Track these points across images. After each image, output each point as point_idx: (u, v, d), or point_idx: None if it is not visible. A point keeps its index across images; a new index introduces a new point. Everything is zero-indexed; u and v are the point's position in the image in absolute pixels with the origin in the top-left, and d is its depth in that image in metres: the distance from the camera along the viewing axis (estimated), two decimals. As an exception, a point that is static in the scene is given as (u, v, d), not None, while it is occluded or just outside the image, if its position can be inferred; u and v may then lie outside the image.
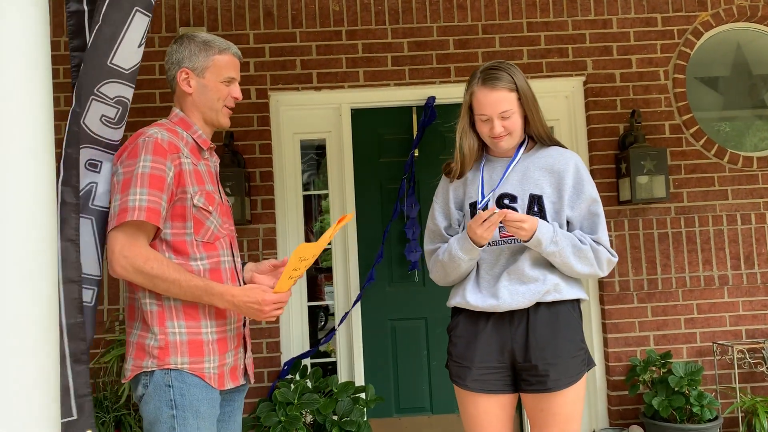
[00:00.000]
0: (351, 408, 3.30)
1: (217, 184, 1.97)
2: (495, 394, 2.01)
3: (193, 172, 1.86)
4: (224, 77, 1.92)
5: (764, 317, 3.85)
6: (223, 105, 1.94)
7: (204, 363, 1.79)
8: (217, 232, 1.89)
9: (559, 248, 1.95)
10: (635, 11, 3.95)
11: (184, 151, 1.85)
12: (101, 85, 1.78)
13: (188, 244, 1.84)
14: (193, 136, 1.93)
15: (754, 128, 4.11)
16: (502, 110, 2.01)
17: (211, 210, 1.87)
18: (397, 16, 3.89)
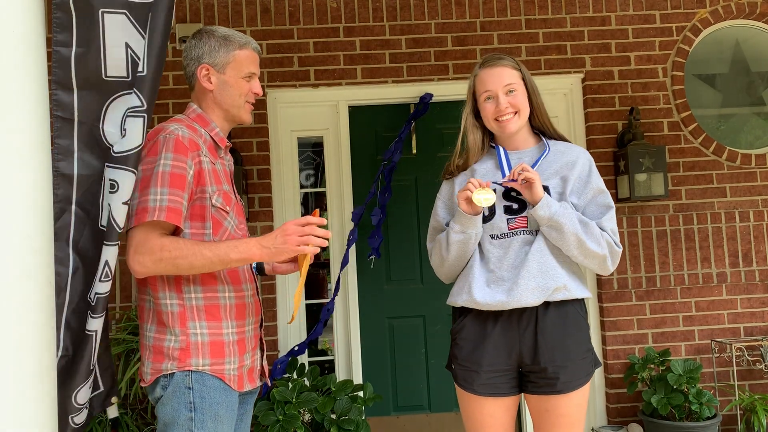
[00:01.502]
0: (349, 406, 3.28)
1: (232, 183, 1.94)
2: (501, 397, 1.98)
3: (212, 171, 1.82)
4: (245, 73, 1.88)
5: (762, 315, 3.84)
6: (245, 101, 1.91)
7: (225, 364, 1.76)
8: (234, 233, 1.86)
9: (567, 214, 1.90)
10: (634, 8, 3.94)
11: (203, 149, 1.81)
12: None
13: None
14: (211, 133, 1.89)
15: (750, 125, 4.10)
16: (506, 83, 1.99)
17: (229, 210, 1.84)
18: (394, 13, 3.87)
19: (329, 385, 3.39)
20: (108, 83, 1.63)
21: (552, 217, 1.90)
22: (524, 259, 1.94)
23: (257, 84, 1.92)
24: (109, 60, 1.61)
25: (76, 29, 1.59)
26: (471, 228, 1.96)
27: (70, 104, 1.61)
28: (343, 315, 3.89)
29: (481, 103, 2.03)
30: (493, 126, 2.03)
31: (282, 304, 3.83)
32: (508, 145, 2.09)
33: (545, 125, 2.09)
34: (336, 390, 3.34)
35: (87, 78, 1.61)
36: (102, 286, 1.67)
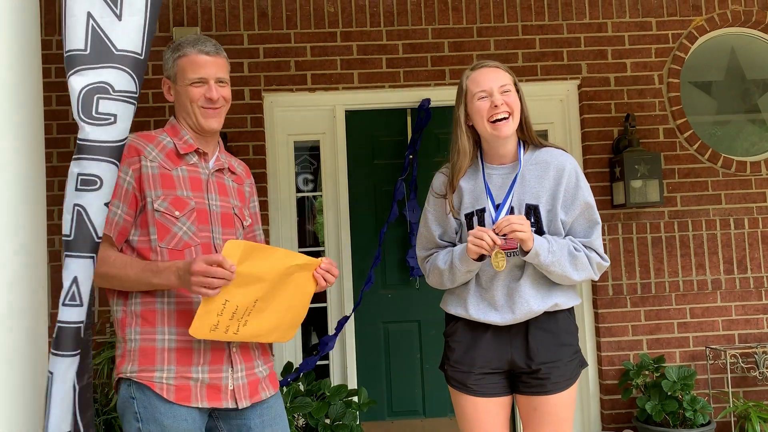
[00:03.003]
0: (343, 411, 3.28)
1: (207, 191, 1.82)
2: (493, 397, 2.01)
3: (159, 176, 1.76)
4: (190, 80, 1.80)
5: (757, 322, 3.85)
6: (199, 106, 1.81)
7: (155, 372, 1.68)
8: (188, 240, 1.75)
9: (556, 258, 1.93)
10: (630, 15, 3.95)
11: (150, 154, 1.77)
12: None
13: (152, 251, 1.75)
14: (175, 141, 1.84)
15: (745, 133, 4.12)
16: (501, 84, 1.97)
17: (178, 215, 1.75)
18: (392, 18, 3.88)
19: (324, 390, 3.38)
20: (67, 59, 1.41)
21: (540, 264, 1.94)
22: (517, 285, 1.97)
23: (211, 89, 1.80)
24: (70, 31, 1.41)
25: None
26: (477, 266, 1.99)
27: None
28: (337, 318, 3.88)
29: (474, 103, 1.99)
30: (486, 128, 1.98)
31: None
32: (495, 156, 2.06)
33: (531, 133, 2.07)
34: (330, 395, 3.33)
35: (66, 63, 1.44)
36: (68, 313, 1.36)
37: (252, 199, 2.02)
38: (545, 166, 2.02)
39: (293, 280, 1.75)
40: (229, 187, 1.90)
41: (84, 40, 1.40)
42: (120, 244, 1.75)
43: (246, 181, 2.00)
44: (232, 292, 1.63)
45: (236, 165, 2.00)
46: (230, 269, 1.58)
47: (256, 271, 1.66)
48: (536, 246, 1.89)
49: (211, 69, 1.81)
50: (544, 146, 2.07)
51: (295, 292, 1.77)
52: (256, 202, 2.05)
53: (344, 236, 3.88)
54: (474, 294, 2.01)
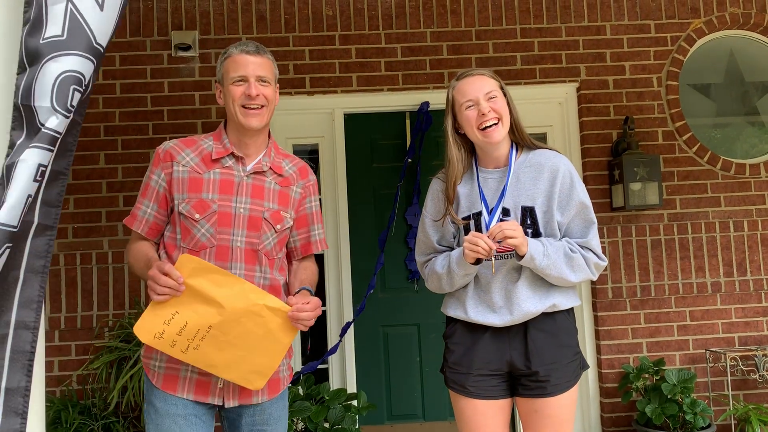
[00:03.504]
0: (343, 415, 3.27)
1: (237, 193, 1.89)
2: (493, 399, 2.01)
3: (188, 180, 1.87)
4: (231, 78, 1.89)
5: (756, 324, 3.85)
6: (240, 105, 1.88)
7: (151, 359, 1.86)
8: (205, 241, 1.85)
9: (551, 261, 1.93)
10: (629, 18, 3.95)
11: (183, 159, 1.89)
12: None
13: (176, 248, 1.89)
14: (214, 145, 1.93)
15: (744, 135, 4.12)
16: (486, 91, 1.99)
17: (198, 218, 1.84)
18: (390, 21, 3.88)
19: (323, 394, 3.38)
20: (43, 47, 1.32)
21: (536, 268, 1.94)
22: (514, 286, 1.98)
23: (250, 86, 1.87)
24: (50, 19, 1.32)
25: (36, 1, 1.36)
26: (475, 269, 1.99)
27: (19, 87, 1.33)
28: (337, 323, 3.87)
29: (462, 113, 2.00)
30: (477, 136, 2.00)
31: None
32: (489, 160, 2.07)
33: (522, 135, 2.08)
34: (330, 399, 3.32)
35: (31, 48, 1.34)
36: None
37: (308, 199, 2.05)
38: (539, 167, 2.03)
39: (264, 323, 1.74)
40: (269, 189, 1.93)
41: (62, 26, 1.33)
42: (153, 237, 1.94)
43: (298, 183, 2.01)
44: (182, 306, 1.69)
45: (287, 166, 2.02)
46: (177, 280, 1.69)
47: (212, 293, 1.70)
48: (531, 250, 1.90)
49: (251, 67, 1.89)
50: (537, 148, 2.08)
51: (265, 337, 1.75)
52: (313, 202, 2.07)
53: (343, 239, 3.87)
54: (472, 296, 2.02)
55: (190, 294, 1.70)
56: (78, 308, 3.59)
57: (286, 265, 2.03)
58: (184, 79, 3.76)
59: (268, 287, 1.88)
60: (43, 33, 1.32)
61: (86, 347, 3.55)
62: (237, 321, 1.72)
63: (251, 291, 1.74)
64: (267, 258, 1.90)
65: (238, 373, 1.76)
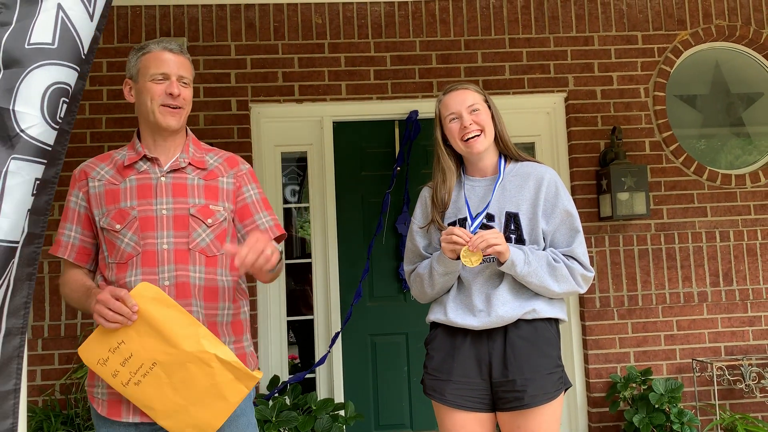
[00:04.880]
0: (330, 425, 3.24)
1: (156, 195, 1.79)
2: (473, 412, 1.99)
3: (105, 193, 1.81)
4: (151, 76, 1.79)
5: (743, 334, 3.87)
6: (159, 104, 1.79)
7: (94, 386, 1.78)
8: (131, 250, 1.75)
9: (532, 268, 1.94)
10: (616, 29, 3.99)
11: (98, 174, 1.83)
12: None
13: (107, 268, 1.80)
14: (128, 153, 1.86)
15: (730, 146, 4.15)
16: (469, 104, 2.05)
17: (119, 228, 1.76)
18: (379, 30, 3.88)
19: (310, 404, 3.35)
20: (28, 52, 1.27)
21: (517, 275, 1.96)
22: (495, 290, 1.99)
23: (172, 84, 1.78)
24: (38, 25, 1.28)
25: (19, 4, 1.31)
26: (454, 268, 2.01)
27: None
28: (324, 332, 3.85)
29: (447, 125, 2.07)
30: (461, 147, 2.06)
31: (263, 322, 3.78)
32: (476, 169, 2.11)
33: (508, 147, 2.12)
34: (317, 408, 3.30)
35: (10, 51, 1.27)
36: None
37: (245, 188, 1.94)
38: (525, 177, 2.07)
39: (211, 374, 1.61)
40: (192, 186, 1.84)
41: (53, 33, 1.28)
42: (85, 263, 1.85)
43: (227, 174, 1.91)
44: (130, 336, 1.60)
45: (211, 159, 1.92)
46: (131, 308, 1.61)
47: (163, 329, 1.60)
48: (512, 257, 1.92)
49: (174, 66, 1.81)
50: (524, 160, 2.13)
51: (210, 390, 1.62)
52: (253, 190, 1.96)
53: (331, 247, 3.86)
54: (454, 299, 2.04)
55: (141, 325, 1.60)
56: (62, 316, 3.54)
57: None
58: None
59: (204, 288, 1.77)
60: (29, 38, 1.28)
61: (69, 356, 3.50)
62: (183, 364, 1.60)
63: (205, 337, 1.62)
64: (204, 255, 1.79)
65: (175, 424, 1.63)
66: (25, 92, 1.26)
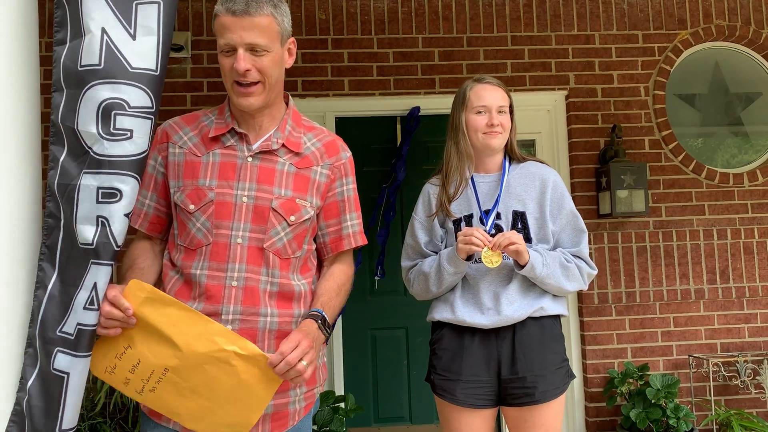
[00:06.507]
0: (330, 418, 3.27)
1: (239, 178, 1.56)
2: (479, 409, 2.01)
3: (185, 163, 1.58)
4: (220, 47, 1.53)
5: (738, 331, 3.91)
6: (232, 81, 1.53)
7: None
8: (201, 238, 1.54)
9: (550, 270, 1.97)
10: (617, 28, 4.02)
11: (181, 139, 1.61)
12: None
13: (175, 248, 1.60)
14: (216, 120, 1.62)
15: (728, 145, 4.19)
16: (500, 104, 2.07)
17: (193, 209, 1.54)
18: (383, 27, 3.91)
19: (311, 396, 3.38)
20: (81, 74, 1.40)
21: (536, 277, 1.98)
22: (504, 288, 2.00)
23: (238, 59, 1.49)
24: (86, 47, 1.40)
25: (70, 24, 1.45)
26: (465, 268, 2.01)
27: (58, 106, 1.43)
28: (325, 325, 3.88)
29: (471, 115, 2.07)
30: (479, 139, 2.06)
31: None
32: (482, 166, 2.13)
33: (515, 149, 2.15)
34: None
35: (69, 73, 1.43)
36: (88, 316, 1.37)
37: (338, 182, 1.67)
38: (531, 176, 2.10)
39: (234, 372, 1.43)
40: (281, 172, 1.58)
41: (98, 55, 1.39)
42: (158, 233, 1.65)
43: (323, 162, 1.65)
44: (136, 340, 1.43)
45: (309, 142, 1.65)
46: (125, 312, 1.39)
47: (166, 331, 1.42)
48: (531, 260, 1.94)
49: (239, 33, 1.48)
50: (527, 160, 2.15)
51: (237, 388, 1.44)
52: (347, 185, 1.70)
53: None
54: (461, 297, 2.04)
55: (143, 327, 1.43)
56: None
57: (314, 265, 1.69)
58: (176, 79, 3.76)
59: (277, 294, 1.56)
60: (80, 60, 1.40)
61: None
62: (198, 367, 1.42)
63: (218, 333, 1.42)
64: (278, 258, 1.56)
65: (207, 427, 1.47)
66: (84, 113, 1.39)
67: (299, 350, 1.41)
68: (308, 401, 1.62)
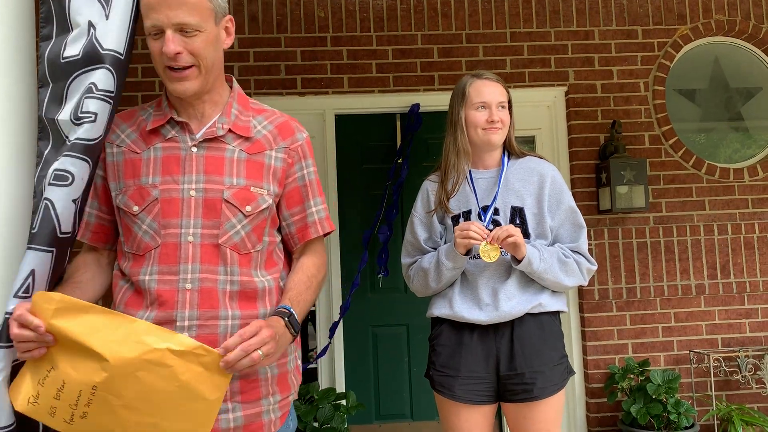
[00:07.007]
0: (332, 415, 3.28)
1: (184, 171, 1.43)
2: (478, 405, 2.02)
3: (124, 163, 1.44)
4: (147, 30, 1.40)
5: (739, 326, 3.91)
6: (164, 67, 1.40)
7: None
8: (149, 241, 1.40)
9: (548, 265, 1.97)
10: (617, 23, 4.01)
11: (119, 138, 1.47)
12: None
13: (123, 257, 1.46)
14: (154, 113, 1.49)
15: (728, 140, 4.19)
16: (500, 100, 2.07)
17: (136, 211, 1.41)
18: (381, 24, 3.91)
19: (312, 393, 3.39)
20: (64, 65, 1.36)
21: (533, 272, 1.98)
22: (503, 284, 2.01)
23: (167, 40, 1.36)
24: (70, 40, 1.36)
25: (56, 20, 1.40)
26: (463, 263, 2.01)
27: (43, 101, 1.38)
28: (326, 322, 3.89)
29: (471, 111, 2.06)
30: (479, 135, 2.06)
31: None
32: (481, 162, 2.13)
33: (512, 145, 2.15)
34: (319, 398, 3.34)
35: (53, 67, 1.39)
36: (15, 304, 1.27)
37: (297, 166, 1.53)
38: (529, 171, 2.10)
39: (172, 374, 1.23)
40: (230, 160, 1.45)
41: (81, 47, 1.36)
42: (103, 244, 1.51)
43: (277, 146, 1.51)
44: (56, 359, 1.24)
45: (260, 125, 1.52)
46: (36, 330, 1.21)
47: (87, 341, 1.21)
48: (528, 254, 1.94)
49: (164, 12, 1.35)
50: (526, 155, 2.15)
51: (179, 394, 1.23)
52: (306, 169, 1.55)
53: (333, 240, 3.89)
54: (459, 293, 2.04)
55: (63, 343, 1.23)
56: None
57: (282, 259, 1.55)
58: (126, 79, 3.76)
59: (239, 294, 1.42)
60: (62, 53, 1.38)
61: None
62: (130, 377, 1.21)
63: (146, 332, 1.23)
64: (237, 254, 1.42)
65: None
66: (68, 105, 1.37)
67: (258, 338, 1.27)
68: (283, 410, 1.49)
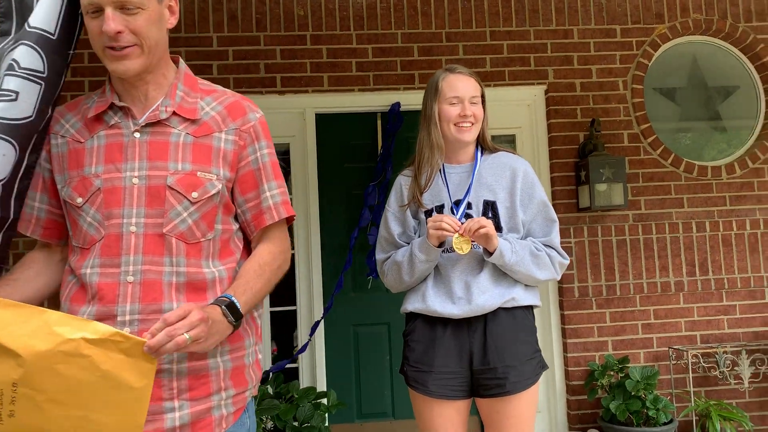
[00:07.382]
0: (312, 414, 3.27)
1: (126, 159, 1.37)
2: (452, 400, 2.02)
3: (68, 153, 1.40)
4: (85, 8, 1.33)
5: (718, 323, 3.94)
6: (103, 47, 1.33)
7: None
8: (94, 233, 1.35)
9: (519, 257, 1.97)
10: (595, 22, 4.03)
11: (62, 128, 1.43)
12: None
13: (72, 252, 1.41)
14: (97, 100, 1.44)
15: (713, 141, 4.22)
16: (472, 95, 2.06)
17: (80, 203, 1.36)
18: (361, 22, 3.90)
19: (292, 392, 3.38)
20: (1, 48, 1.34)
21: (504, 264, 1.98)
22: (476, 278, 2.01)
23: (107, 18, 1.29)
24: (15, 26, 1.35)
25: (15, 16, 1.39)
26: (436, 256, 2.01)
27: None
28: (307, 322, 3.88)
29: (444, 105, 2.06)
30: (452, 130, 2.06)
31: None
32: (454, 157, 2.12)
33: (485, 140, 2.15)
34: (299, 397, 3.33)
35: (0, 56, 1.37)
36: None
37: (250, 149, 1.46)
38: (501, 166, 2.10)
39: (91, 364, 1.18)
40: (176, 144, 1.38)
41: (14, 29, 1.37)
42: (56, 239, 1.47)
43: (227, 127, 1.44)
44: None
45: (208, 106, 1.45)
46: None
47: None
48: (500, 247, 1.94)
49: None
50: (498, 150, 2.16)
51: (102, 384, 1.19)
52: (260, 152, 1.48)
53: (314, 239, 3.88)
54: (432, 287, 2.04)
55: None
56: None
57: (241, 248, 1.49)
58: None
59: (186, 286, 1.36)
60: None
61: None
62: (49, 370, 1.16)
63: (58, 322, 1.18)
64: (184, 243, 1.36)
65: None
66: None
67: (186, 322, 1.20)
68: (237, 406, 1.43)
